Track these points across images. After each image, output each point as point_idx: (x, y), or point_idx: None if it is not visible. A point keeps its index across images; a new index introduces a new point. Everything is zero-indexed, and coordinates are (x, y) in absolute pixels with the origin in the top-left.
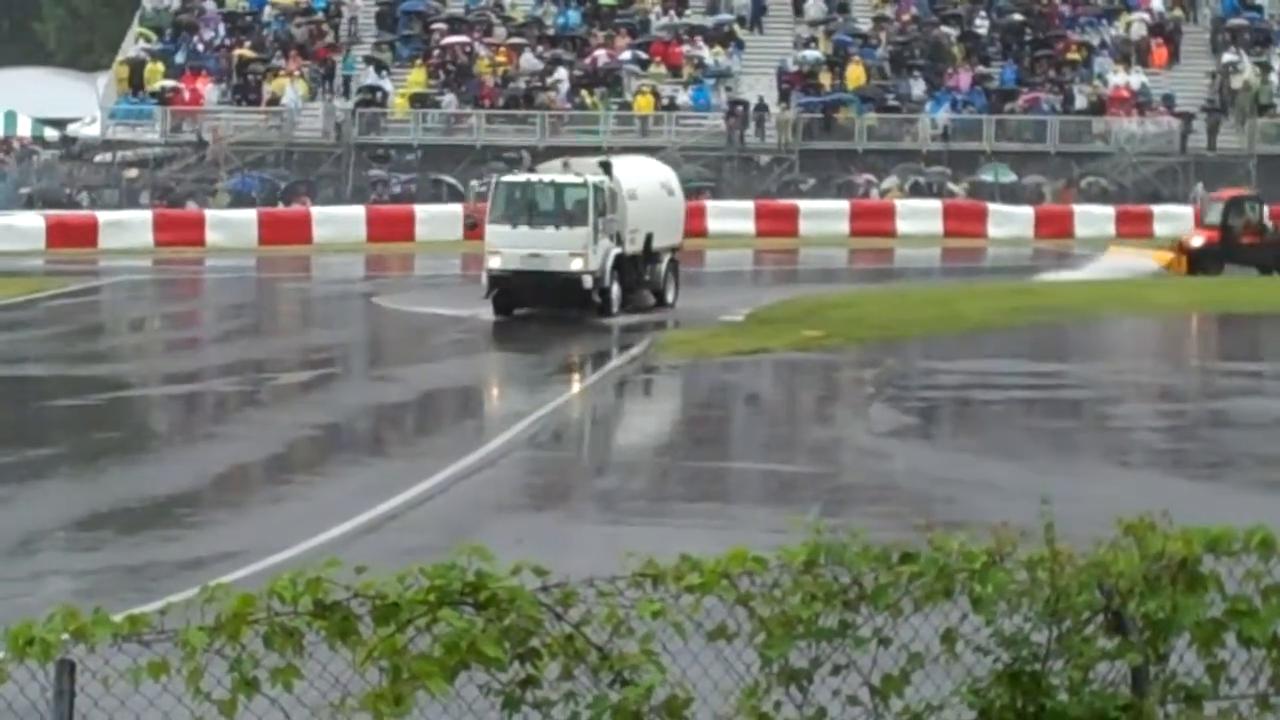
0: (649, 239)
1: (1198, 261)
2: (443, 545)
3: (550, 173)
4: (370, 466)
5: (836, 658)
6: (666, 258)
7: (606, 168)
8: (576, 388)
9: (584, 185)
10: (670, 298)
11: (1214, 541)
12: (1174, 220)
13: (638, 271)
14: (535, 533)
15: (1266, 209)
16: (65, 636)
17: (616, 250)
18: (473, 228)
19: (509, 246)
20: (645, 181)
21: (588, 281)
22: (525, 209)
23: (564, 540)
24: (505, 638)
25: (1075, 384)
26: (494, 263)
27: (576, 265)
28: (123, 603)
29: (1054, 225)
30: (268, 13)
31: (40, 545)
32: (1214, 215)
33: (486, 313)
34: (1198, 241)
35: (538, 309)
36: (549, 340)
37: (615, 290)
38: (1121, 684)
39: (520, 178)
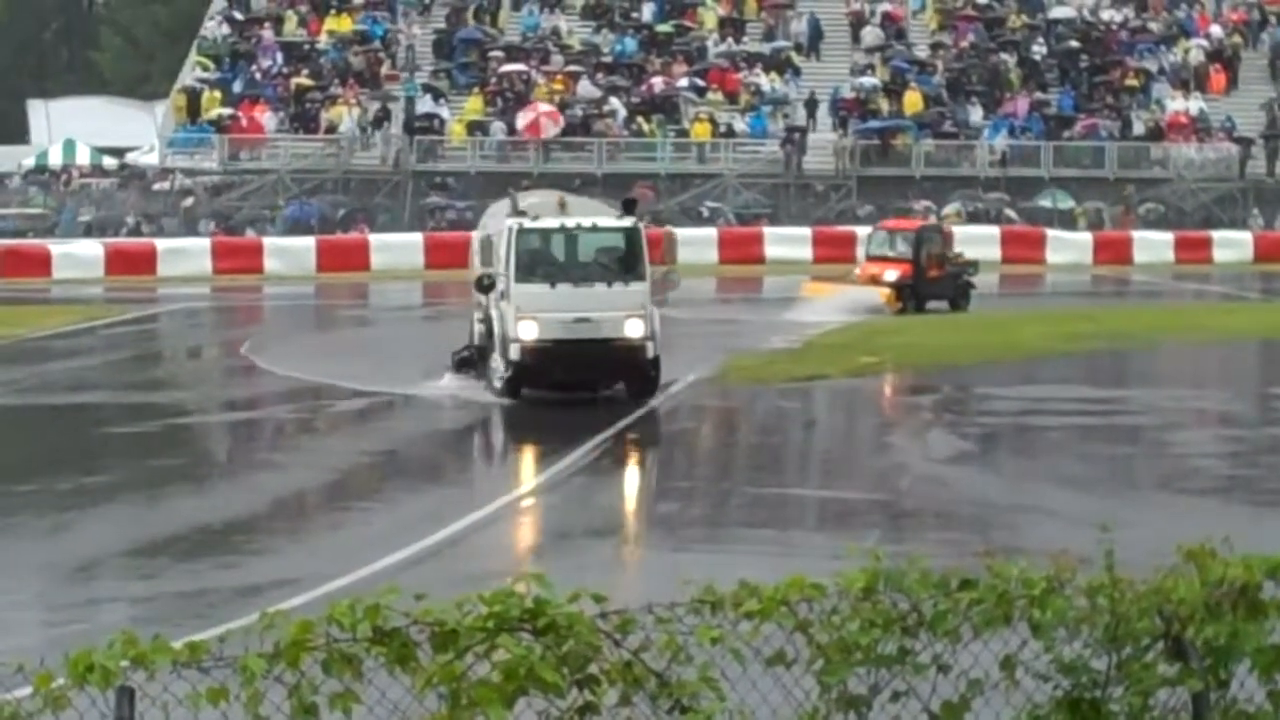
0: None
1: (900, 295)
2: (502, 571)
3: (580, 215)
4: (427, 493)
5: (895, 684)
6: None
7: (630, 207)
8: (633, 416)
9: (634, 230)
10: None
11: (1275, 568)
12: (1234, 246)
13: None
14: (594, 559)
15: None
16: (125, 663)
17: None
18: None
19: (547, 311)
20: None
21: (650, 350)
22: (560, 263)
23: (622, 566)
24: (564, 664)
25: (1134, 410)
26: (527, 332)
27: (635, 330)
28: (181, 629)
29: (1112, 251)
30: (324, 41)
31: (98, 571)
32: (904, 247)
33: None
34: (891, 275)
35: (575, 388)
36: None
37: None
38: (1182, 711)
39: (550, 223)
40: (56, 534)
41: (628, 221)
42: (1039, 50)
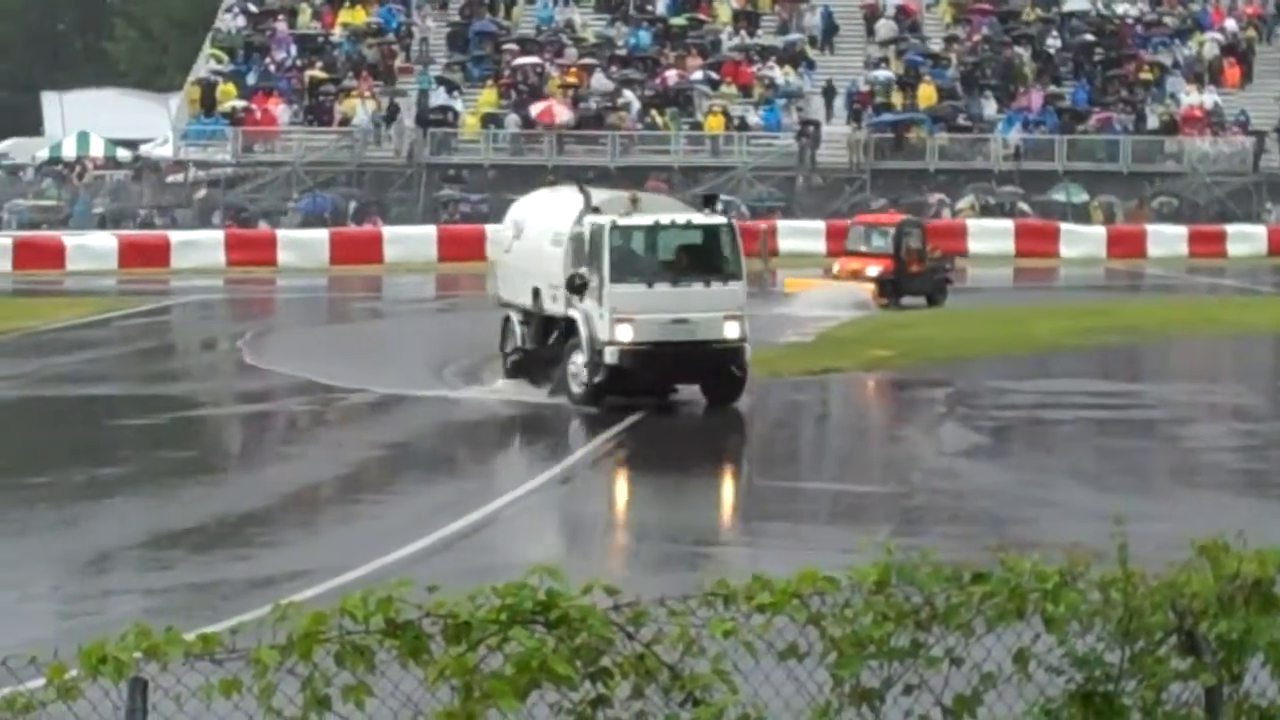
0: None
1: (882, 290)
2: (514, 564)
3: (668, 212)
4: (441, 485)
5: (908, 678)
6: None
7: (711, 203)
8: (642, 412)
9: (730, 227)
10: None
11: None
12: (1248, 240)
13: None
14: (607, 552)
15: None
16: (138, 655)
17: None
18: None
19: (644, 312)
20: None
21: (748, 352)
22: (656, 261)
23: (634, 559)
24: (576, 657)
25: (1147, 404)
26: (624, 334)
27: (733, 332)
28: (194, 621)
29: (1126, 245)
30: (338, 34)
31: (112, 564)
32: (886, 243)
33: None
34: (874, 271)
35: (658, 393)
36: None
37: None
38: (1195, 705)
39: (645, 220)
40: (70, 526)
41: (722, 218)
42: (1053, 44)
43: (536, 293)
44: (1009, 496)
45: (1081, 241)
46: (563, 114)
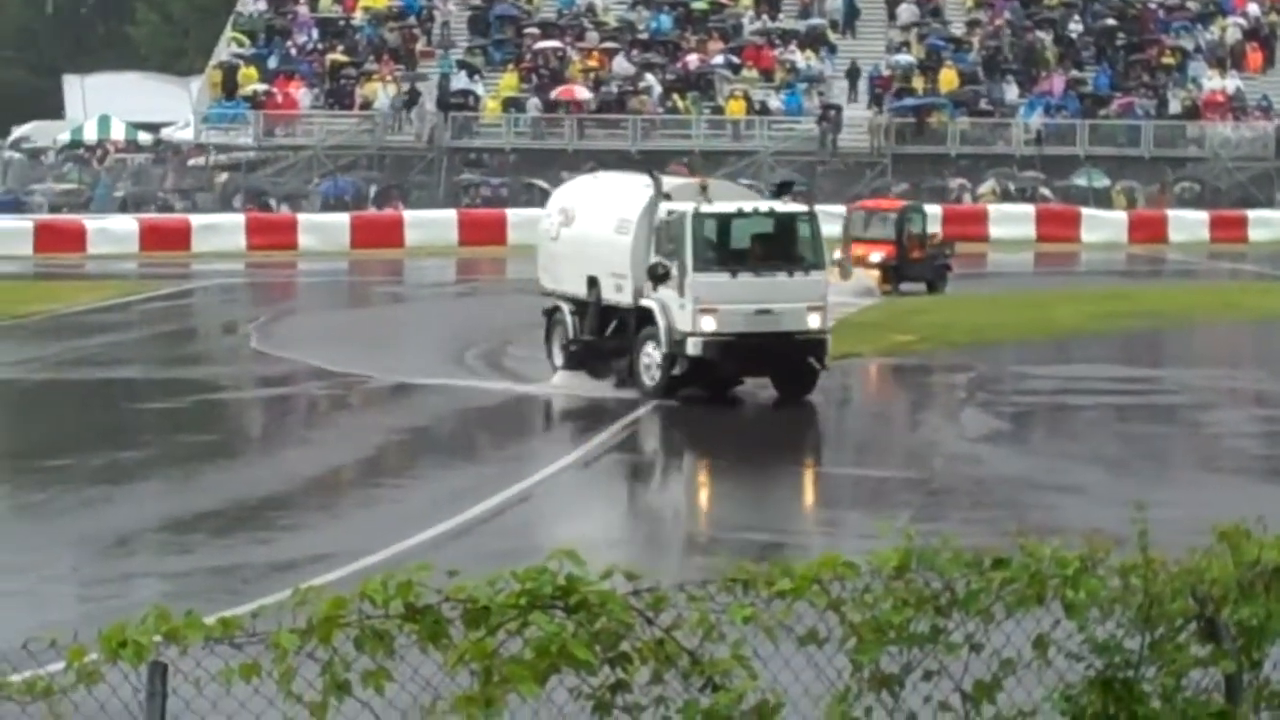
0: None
1: (886, 276)
2: (534, 549)
3: (740, 199)
4: (459, 470)
5: (928, 663)
6: None
7: (785, 190)
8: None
9: (812, 216)
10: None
11: None
12: (1269, 225)
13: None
14: (630, 535)
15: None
16: (158, 638)
17: None
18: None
19: (729, 302)
20: None
21: (829, 344)
22: (740, 250)
23: (648, 543)
24: (596, 641)
25: (1169, 389)
26: (707, 324)
27: (815, 322)
28: (214, 604)
29: (1147, 230)
30: (360, 17)
31: (132, 547)
32: (888, 228)
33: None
34: (877, 257)
35: (731, 384)
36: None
37: None
38: (1215, 691)
39: (728, 208)
40: (90, 509)
41: (803, 206)
42: (1075, 28)
43: (592, 281)
44: (1030, 482)
45: (1103, 226)
46: (582, 93)
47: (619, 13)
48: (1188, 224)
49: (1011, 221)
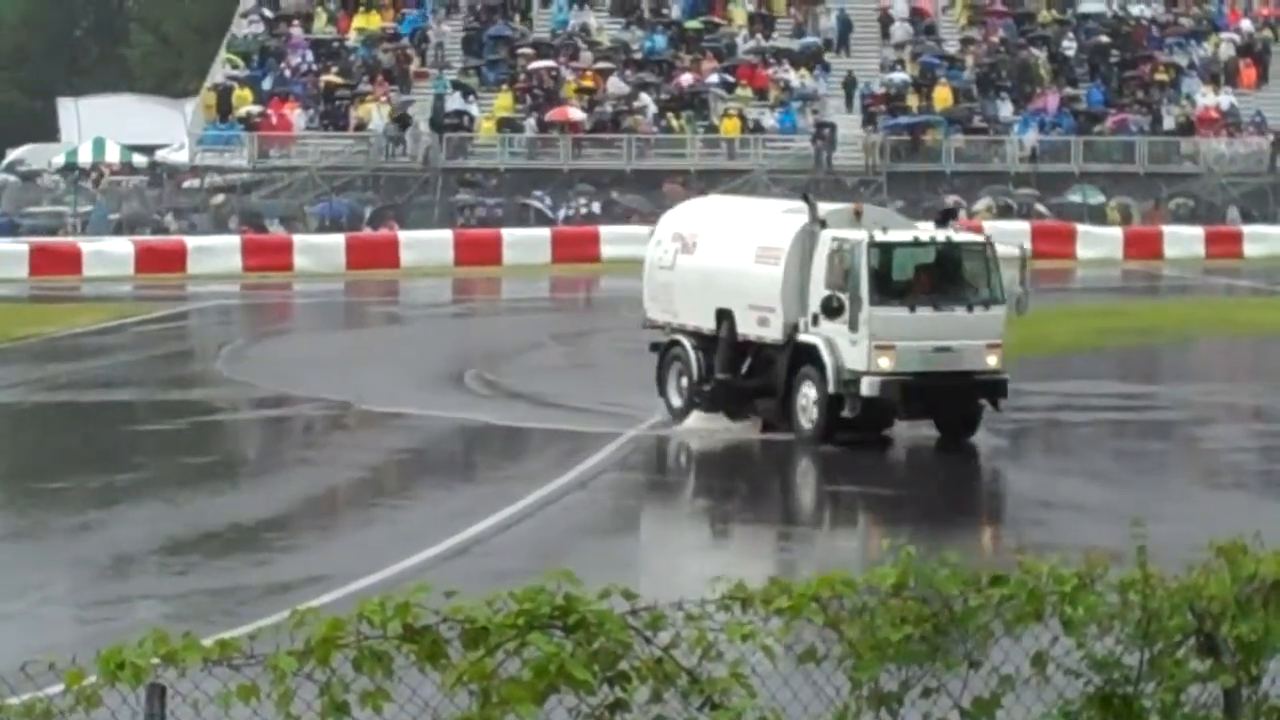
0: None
1: None
2: (532, 569)
3: (898, 227)
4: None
5: (927, 681)
6: None
7: (949, 218)
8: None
9: (991, 247)
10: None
11: None
12: (1264, 241)
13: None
14: (623, 555)
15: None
16: (156, 660)
17: None
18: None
19: (907, 338)
20: None
21: (1007, 385)
22: (916, 283)
23: (651, 562)
24: (594, 661)
25: (1165, 405)
26: (884, 362)
27: (994, 361)
28: (212, 626)
29: (1143, 246)
30: (354, 38)
31: (130, 569)
32: None
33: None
34: None
35: (904, 427)
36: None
37: None
38: (1214, 706)
39: (904, 237)
40: (88, 531)
41: (982, 236)
42: (1069, 45)
43: (723, 314)
44: (1027, 498)
45: (1098, 243)
46: (576, 115)
47: (613, 33)
48: (1183, 239)
49: (1007, 238)
